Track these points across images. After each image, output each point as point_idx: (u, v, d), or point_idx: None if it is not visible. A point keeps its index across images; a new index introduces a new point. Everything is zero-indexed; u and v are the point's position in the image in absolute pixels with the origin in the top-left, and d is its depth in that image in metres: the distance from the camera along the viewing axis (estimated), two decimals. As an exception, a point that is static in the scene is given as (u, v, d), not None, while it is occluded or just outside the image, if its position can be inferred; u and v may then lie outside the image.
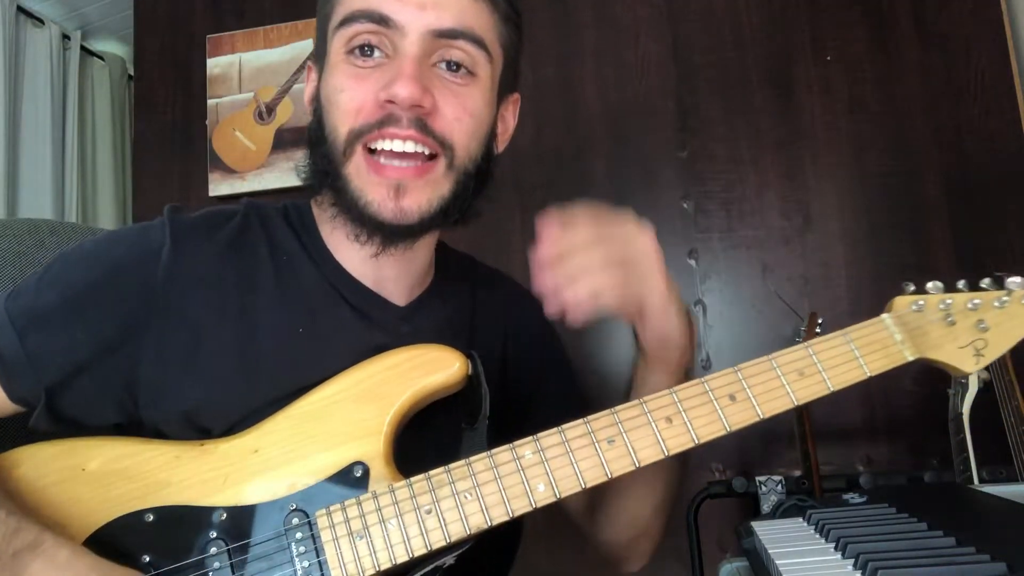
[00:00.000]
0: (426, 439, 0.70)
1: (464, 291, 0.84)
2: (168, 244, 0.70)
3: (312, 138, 0.73)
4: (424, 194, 0.69)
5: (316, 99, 0.74)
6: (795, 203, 1.77)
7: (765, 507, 1.43)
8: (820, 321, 1.54)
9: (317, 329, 0.71)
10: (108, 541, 0.63)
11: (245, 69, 2.09)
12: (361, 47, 0.69)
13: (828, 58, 1.79)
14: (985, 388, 1.32)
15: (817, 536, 0.84)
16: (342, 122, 0.68)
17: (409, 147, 0.67)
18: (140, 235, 0.72)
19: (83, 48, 2.68)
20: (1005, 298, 0.70)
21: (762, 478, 1.47)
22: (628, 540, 0.85)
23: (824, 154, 1.78)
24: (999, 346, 0.70)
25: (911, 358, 0.69)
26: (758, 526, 0.91)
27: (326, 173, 0.71)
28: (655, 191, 1.83)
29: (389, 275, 0.76)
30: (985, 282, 0.72)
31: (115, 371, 0.68)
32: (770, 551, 0.79)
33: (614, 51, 1.88)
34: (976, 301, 0.70)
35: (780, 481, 1.46)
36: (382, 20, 0.67)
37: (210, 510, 0.64)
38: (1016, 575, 0.62)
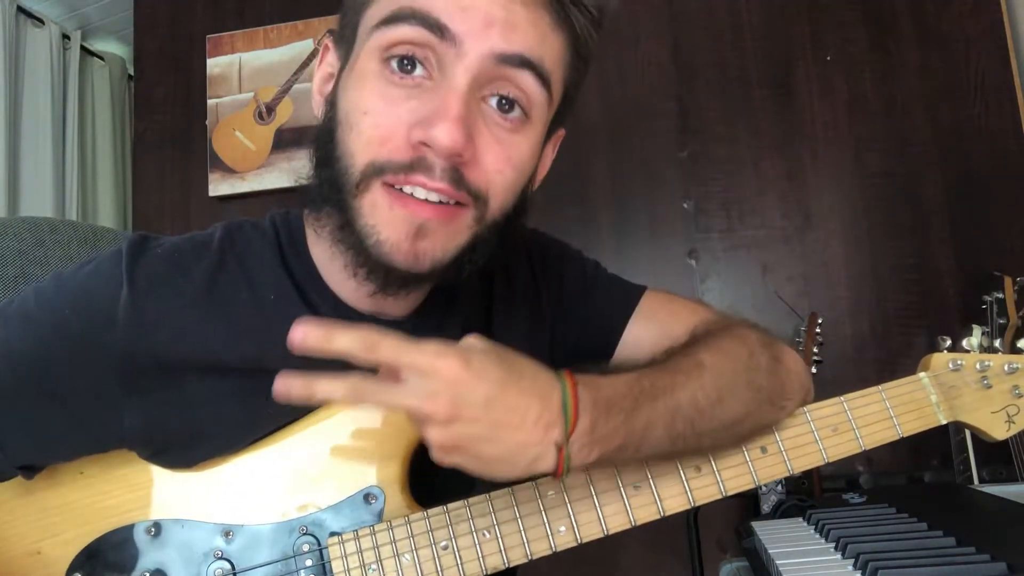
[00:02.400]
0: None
1: (486, 278, 0.75)
2: (124, 301, 0.59)
3: (320, 156, 0.61)
4: (443, 240, 0.57)
5: (332, 104, 0.61)
6: (795, 203, 1.77)
7: (765, 507, 1.43)
8: (820, 321, 1.54)
9: (316, 370, 0.66)
10: (104, 554, 0.60)
11: (245, 69, 2.09)
12: (401, 59, 0.56)
13: (828, 58, 1.79)
14: (985, 388, 1.32)
15: (817, 536, 0.84)
16: (362, 151, 0.56)
17: (433, 197, 0.56)
18: (88, 291, 0.61)
19: (83, 48, 2.68)
20: None
21: (762, 478, 1.47)
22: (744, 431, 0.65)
23: (824, 154, 1.77)
24: None
25: (944, 421, 0.68)
26: (758, 526, 0.91)
27: (330, 200, 0.60)
28: (655, 191, 1.83)
29: (389, 301, 0.66)
30: (1022, 342, 0.71)
31: (97, 443, 0.62)
32: (770, 551, 0.79)
33: (614, 51, 1.88)
34: (1015, 365, 0.69)
35: (780, 481, 1.46)
36: (438, 28, 0.54)
37: (216, 527, 0.60)
38: (1016, 575, 0.62)
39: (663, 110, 1.85)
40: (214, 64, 2.10)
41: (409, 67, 0.56)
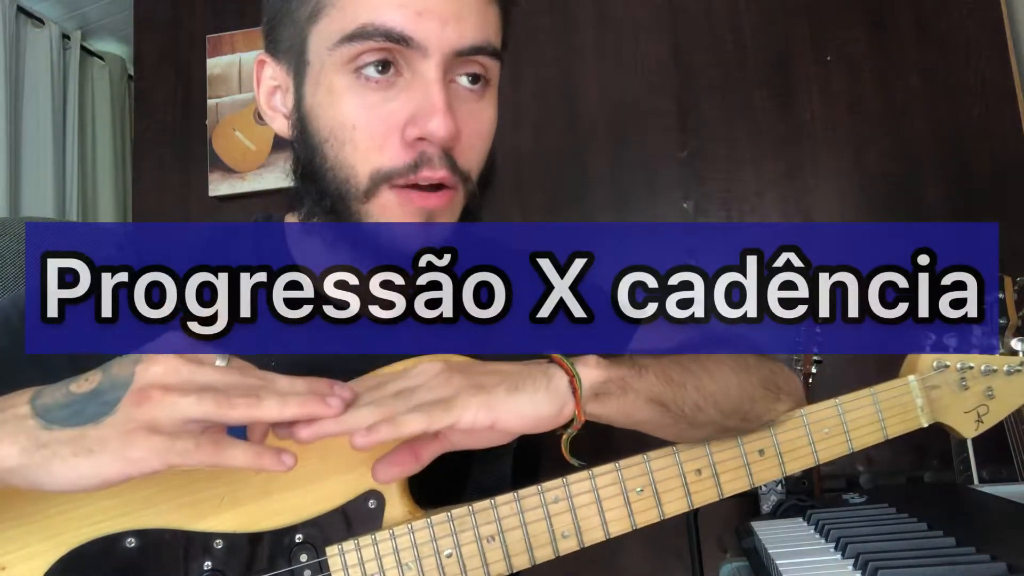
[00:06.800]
0: None
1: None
2: None
3: (306, 169, 0.65)
4: (447, 219, 0.63)
5: (304, 121, 0.64)
6: (795, 203, 1.77)
7: (765, 507, 1.43)
8: (820, 321, 1.53)
9: (293, 360, 0.65)
10: (80, 568, 0.54)
11: (245, 69, 2.08)
12: (375, 64, 0.59)
13: (828, 58, 1.79)
14: (985, 388, 1.32)
15: (817, 536, 0.84)
16: (362, 161, 0.60)
17: (437, 183, 0.61)
18: None
19: (83, 48, 2.68)
20: (1018, 367, 0.72)
21: (762, 478, 1.46)
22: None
23: (824, 154, 1.77)
24: (998, 413, 0.72)
25: (925, 424, 0.70)
26: (758, 526, 0.91)
27: (326, 208, 0.64)
28: (655, 191, 1.83)
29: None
30: (1016, 342, 0.74)
31: None
32: (770, 551, 0.79)
33: (614, 51, 1.88)
34: (992, 367, 0.72)
35: (780, 481, 1.46)
36: (402, 40, 0.58)
37: (205, 536, 0.56)
38: (1016, 575, 0.62)
39: (663, 110, 1.85)
40: (214, 64, 2.10)
41: (381, 69, 0.59)
